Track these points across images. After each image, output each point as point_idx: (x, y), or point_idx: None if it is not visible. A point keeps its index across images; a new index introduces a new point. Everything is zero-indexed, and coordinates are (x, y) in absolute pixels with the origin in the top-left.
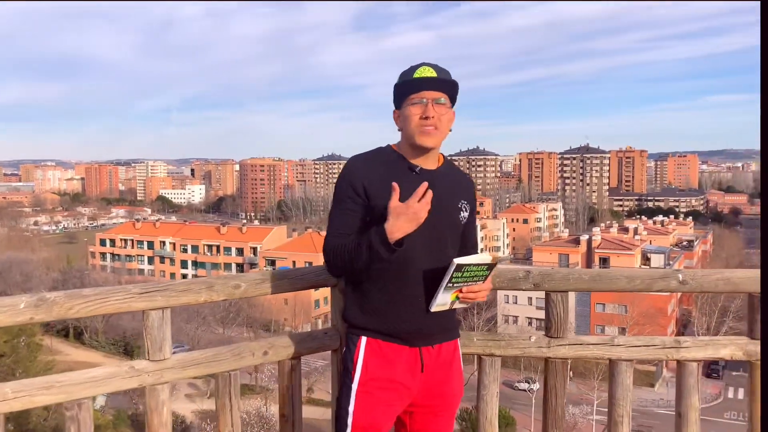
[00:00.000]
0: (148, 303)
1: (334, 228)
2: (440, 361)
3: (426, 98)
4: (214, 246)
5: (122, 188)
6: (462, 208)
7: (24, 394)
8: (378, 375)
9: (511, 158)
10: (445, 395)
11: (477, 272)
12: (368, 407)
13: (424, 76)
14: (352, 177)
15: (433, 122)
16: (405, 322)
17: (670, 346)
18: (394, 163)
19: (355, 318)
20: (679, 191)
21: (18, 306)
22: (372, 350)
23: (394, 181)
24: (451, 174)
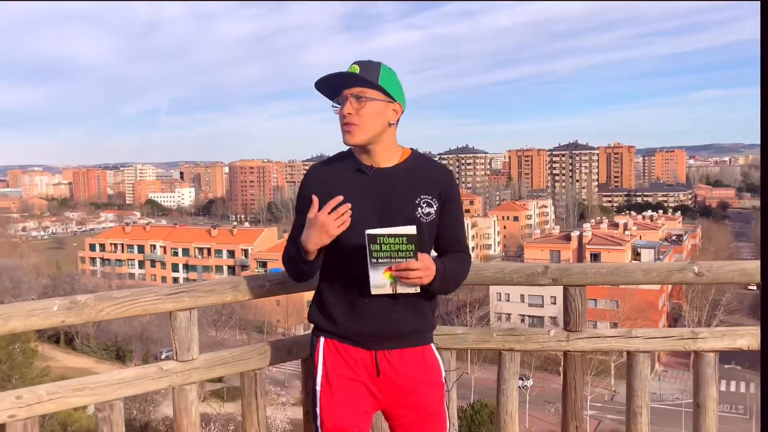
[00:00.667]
0: (176, 304)
1: (289, 241)
2: (403, 368)
3: (346, 96)
4: (205, 249)
5: (111, 192)
6: (421, 203)
7: (59, 395)
8: (337, 373)
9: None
10: (415, 406)
11: (399, 246)
12: (332, 407)
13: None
14: (302, 189)
15: (351, 119)
16: (354, 324)
17: (688, 337)
18: (345, 165)
19: (315, 318)
20: (668, 186)
21: (51, 309)
22: (329, 350)
23: (344, 183)
24: (415, 169)
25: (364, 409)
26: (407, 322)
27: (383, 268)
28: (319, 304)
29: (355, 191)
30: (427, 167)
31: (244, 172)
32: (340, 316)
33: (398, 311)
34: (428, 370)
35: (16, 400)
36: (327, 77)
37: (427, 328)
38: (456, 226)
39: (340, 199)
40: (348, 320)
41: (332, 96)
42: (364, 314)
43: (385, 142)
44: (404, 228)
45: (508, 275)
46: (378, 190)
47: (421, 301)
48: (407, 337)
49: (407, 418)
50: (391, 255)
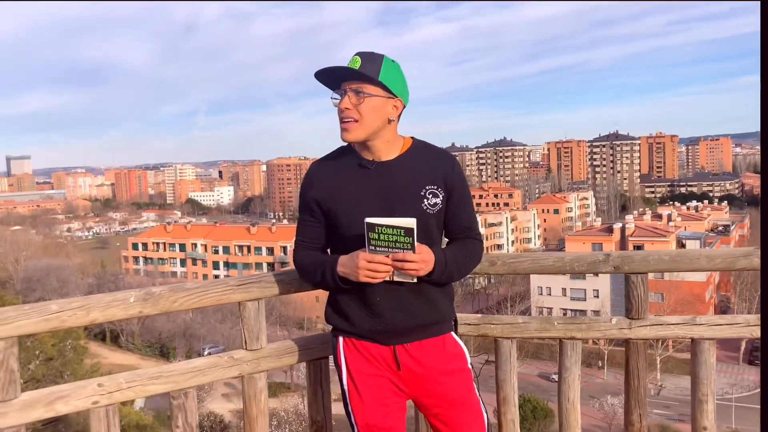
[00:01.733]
0: (245, 294)
1: (297, 238)
2: (423, 359)
3: (345, 89)
4: (245, 246)
5: (152, 192)
6: (426, 195)
7: (137, 383)
8: (360, 371)
9: (539, 148)
10: (443, 396)
11: (397, 237)
12: (361, 405)
13: (340, 66)
14: (304, 187)
15: (351, 114)
16: (368, 322)
17: (754, 324)
18: (346, 161)
19: (331, 319)
20: (713, 175)
21: (128, 300)
22: (350, 349)
23: (347, 179)
24: (418, 160)
25: (392, 403)
26: (421, 315)
27: (380, 256)
28: (333, 304)
29: (359, 187)
30: (429, 156)
31: (282, 170)
32: (355, 315)
33: (412, 306)
34: (450, 359)
35: (98, 388)
36: (326, 70)
37: (444, 319)
38: (464, 212)
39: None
40: (362, 319)
41: (333, 87)
42: (377, 312)
43: (385, 137)
44: (404, 220)
45: (568, 264)
46: (382, 184)
47: (434, 292)
48: (424, 330)
49: (437, 408)
50: (389, 245)
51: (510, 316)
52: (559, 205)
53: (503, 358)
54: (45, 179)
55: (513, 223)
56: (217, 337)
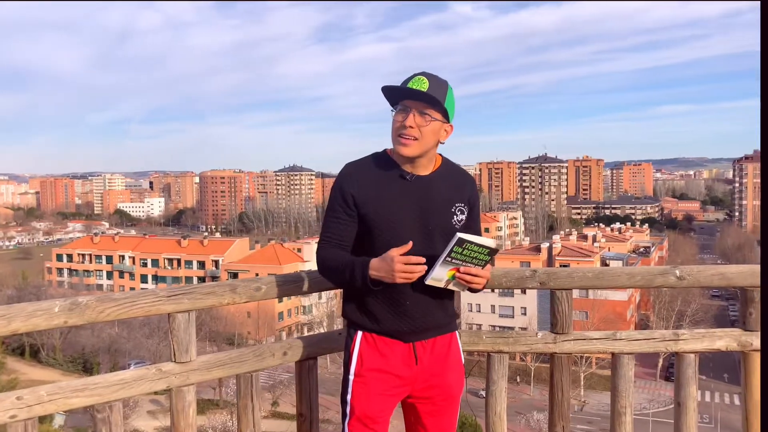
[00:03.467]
0: (175, 306)
1: (324, 235)
2: (435, 354)
3: (410, 107)
4: (175, 259)
5: (79, 202)
6: (456, 212)
7: (59, 396)
8: (372, 366)
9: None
10: (442, 386)
11: (478, 254)
12: (364, 396)
13: (414, 87)
14: (343, 186)
15: (412, 132)
16: (396, 323)
17: (669, 339)
18: (386, 170)
19: (352, 315)
20: (635, 199)
21: (53, 309)
22: (367, 343)
23: (387, 187)
24: (448, 177)
25: (393, 399)
26: (441, 314)
27: (451, 267)
28: (356, 303)
29: (398, 197)
30: (457, 175)
31: (215, 182)
32: (381, 315)
33: (434, 306)
34: (453, 355)
35: (16, 401)
36: (401, 90)
37: (454, 318)
38: (477, 228)
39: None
40: (389, 319)
41: (394, 100)
42: (404, 314)
43: (430, 155)
44: (489, 240)
45: (496, 279)
46: (418, 197)
47: (450, 295)
48: (441, 327)
49: (432, 398)
50: (465, 259)
51: None
52: (490, 224)
53: None
54: None
55: None
56: (143, 353)
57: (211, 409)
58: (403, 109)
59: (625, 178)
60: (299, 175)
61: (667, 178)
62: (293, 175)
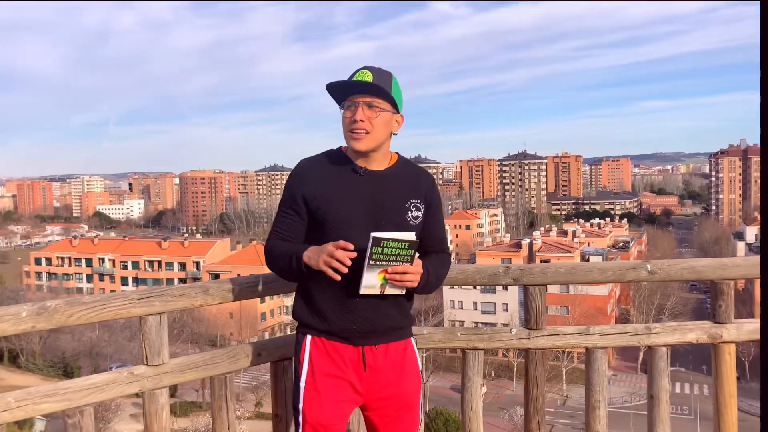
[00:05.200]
0: (146, 308)
1: (273, 229)
2: (388, 361)
3: (357, 102)
4: (156, 261)
5: (57, 205)
6: (411, 208)
7: (27, 402)
8: (323, 371)
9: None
10: (397, 396)
11: (399, 250)
12: (316, 404)
13: (359, 80)
14: (294, 183)
15: (363, 126)
16: (344, 322)
17: (642, 332)
18: (340, 165)
19: (302, 317)
20: (614, 194)
21: (20, 315)
22: (317, 348)
23: (338, 182)
24: (403, 174)
25: (345, 406)
26: (393, 318)
27: (378, 270)
28: (306, 301)
29: (349, 192)
30: (414, 172)
31: (196, 183)
32: (329, 313)
33: (385, 308)
34: (408, 363)
35: None
36: (344, 83)
37: (409, 323)
38: (439, 227)
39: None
40: (337, 317)
41: (341, 98)
42: (353, 312)
43: (383, 149)
44: (406, 234)
45: (470, 276)
46: (371, 192)
47: (403, 299)
48: (393, 333)
49: (386, 408)
50: (389, 259)
51: (416, 327)
52: (471, 221)
53: None
54: None
55: None
56: (125, 356)
57: (194, 411)
58: (351, 105)
59: (604, 173)
60: (280, 174)
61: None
62: (274, 175)
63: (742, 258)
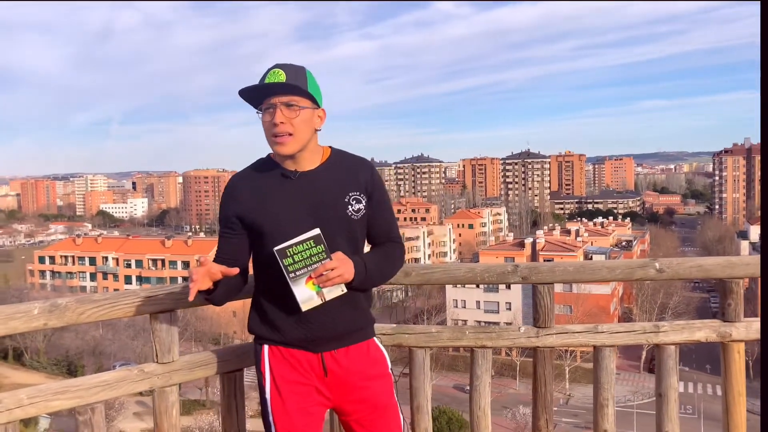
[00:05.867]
0: (156, 306)
1: (215, 253)
2: (351, 364)
3: (274, 104)
4: (159, 260)
5: (60, 204)
6: (351, 201)
7: (39, 399)
8: (285, 379)
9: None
10: (367, 399)
11: (309, 251)
12: (284, 413)
13: (272, 81)
14: (225, 203)
15: (284, 128)
16: (297, 331)
17: (650, 331)
18: (269, 173)
19: (255, 329)
20: (617, 193)
21: (32, 312)
22: (275, 357)
23: (270, 191)
24: (338, 168)
25: (315, 411)
26: (350, 320)
27: (303, 279)
28: (259, 313)
29: (284, 198)
30: (349, 164)
31: (199, 182)
32: (282, 324)
33: (339, 312)
34: (374, 364)
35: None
36: (257, 87)
37: (368, 323)
38: (385, 217)
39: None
40: (291, 328)
41: (257, 102)
42: (306, 320)
43: (311, 147)
44: (307, 233)
45: (479, 275)
46: (306, 194)
47: (358, 298)
48: (351, 335)
49: (359, 413)
50: (305, 263)
51: (423, 326)
52: (474, 221)
53: (417, 367)
54: None
55: (429, 237)
56: (128, 354)
57: (197, 410)
58: (269, 108)
59: (607, 172)
60: None
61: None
62: None
63: (750, 256)
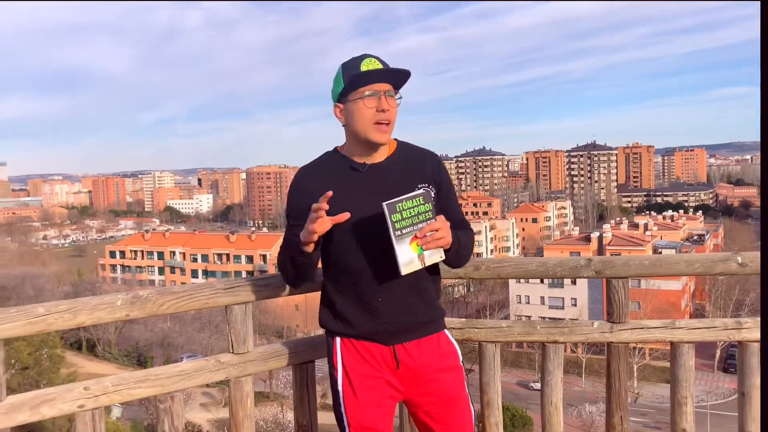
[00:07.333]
0: (232, 298)
1: (282, 245)
2: (422, 357)
3: (378, 90)
4: (224, 254)
5: (130, 200)
6: (422, 190)
7: (123, 387)
8: (358, 373)
9: (518, 158)
10: (437, 392)
11: (418, 208)
12: (356, 406)
13: (374, 68)
14: (296, 193)
15: (389, 116)
16: (369, 324)
17: (732, 327)
18: (339, 166)
19: (327, 323)
20: (688, 185)
21: (115, 303)
22: (347, 350)
23: (340, 185)
24: (404, 159)
25: (386, 404)
26: (421, 313)
27: (408, 238)
28: (329, 307)
29: (353, 190)
30: (416, 156)
31: (261, 178)
32: (354, 317)
33: (411, 304)
34: (444, 356)
35: (84, 391)
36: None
37: (439, 316)
38: (454, 206)
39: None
40: (363, 321)
41: (353, 87)
42: (378, 313)
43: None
44: (414, 192)
45: (551, 268)
46: (376, 186)
47: (428, 290)
48: (422, 328)
49: (430, 405)
50: (412, 222)
51: (494, 321)
52: (538, 215)
53: (487, 361)
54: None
55: (492, 232)
56: (195, 346)
57: (261, 402)
58: (373, 94)
59: (677, 164)
60: None
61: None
62: None
63: None
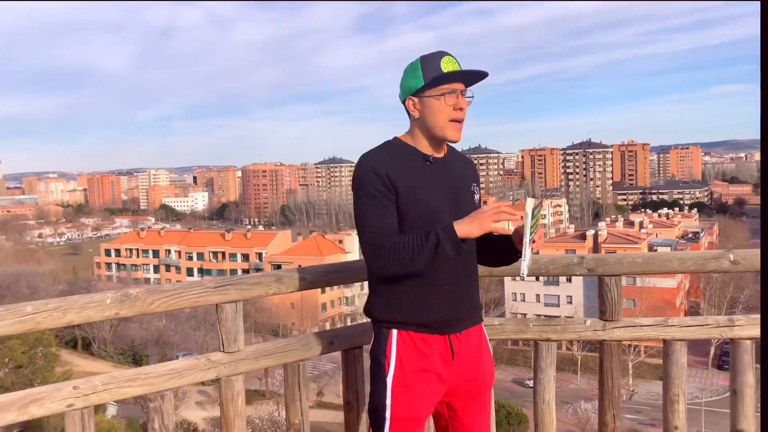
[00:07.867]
0: (222, 296)
1: (375, 224)
2: (469, 346)
3: (456, 89)
4: (220, 252)
5: (125, 198)
6: (474, 191)
7: (113, 386)
8: (414, 367)
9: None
10: (477, 379)
11: (537, 216)
12: (406, 400)
13: (453, 68)
14: (377, 170)
15: (463, 116)
16: (435, 312)
17: (724, 324)
18: (408, 155)
19: (382, 313)
20: (683, 183)
21: (105, 301)
22: (404, 342)
23: (414, 171)
24: (458, 160)
25: (434, 397)
26: (475, 300)
27: (530, 240)
28: (388, 296)
29: (427, 180)
30: (463, 158)
31: (257, 176)
32: (416, 304)
33: (467, 291)
34: (484, 346)
35: (73, 390)
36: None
37: (480, 307)
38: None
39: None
40: (424, 309)
41: (444, 80)
42: (439, 299)
43: None
44: (540, 200)
45: (543, 266)
46: (443, 178)
47: (476, 285)
48: (473, 317)
49: (466, 393)
50: (533, 228)
51: (486, 318)
52: None
53: None
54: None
55: None
56: (190, 344)
57: (257, 400)
58: (452, 93)
59: (672, 162)
60: (339, 167)
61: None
62: (333, 167)
63: None
